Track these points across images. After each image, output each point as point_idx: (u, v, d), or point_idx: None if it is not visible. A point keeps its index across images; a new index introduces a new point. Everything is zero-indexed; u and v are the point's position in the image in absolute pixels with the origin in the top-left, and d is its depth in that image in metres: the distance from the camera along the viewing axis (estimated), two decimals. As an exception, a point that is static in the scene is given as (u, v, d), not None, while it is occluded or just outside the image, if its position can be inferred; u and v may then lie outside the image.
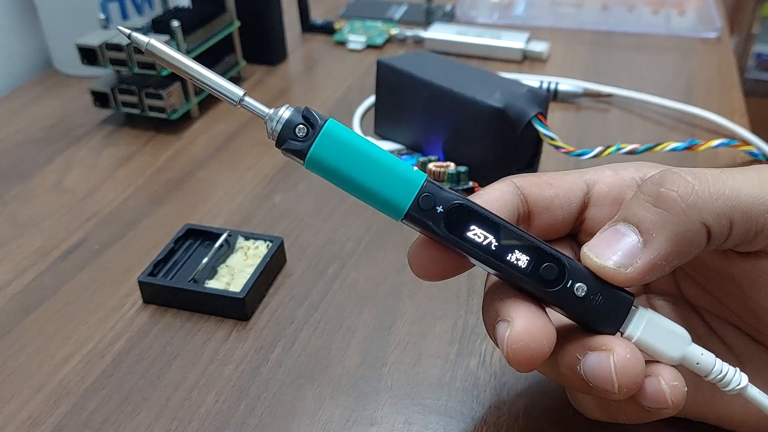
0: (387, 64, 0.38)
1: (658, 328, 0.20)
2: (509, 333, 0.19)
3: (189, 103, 0.44)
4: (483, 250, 0.19)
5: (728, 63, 0.50)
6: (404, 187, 0.19)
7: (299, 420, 0.25)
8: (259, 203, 0.36)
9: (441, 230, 0.19)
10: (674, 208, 0.19)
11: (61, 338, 0.28)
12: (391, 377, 0.26)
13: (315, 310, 0.29)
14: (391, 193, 0.19)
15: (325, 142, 0.19)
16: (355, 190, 0.19)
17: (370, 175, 0.19)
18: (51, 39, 0.52)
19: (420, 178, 0.19)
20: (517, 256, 0.19)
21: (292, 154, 0.19)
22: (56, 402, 0.26)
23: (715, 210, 0.19)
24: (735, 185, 0.19)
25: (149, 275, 0.30)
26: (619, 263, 0.19)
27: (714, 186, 0.19)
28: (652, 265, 0.19)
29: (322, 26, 0.57)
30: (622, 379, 0.19)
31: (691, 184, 0.19)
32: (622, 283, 0.19)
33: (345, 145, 0.19)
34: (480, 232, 0.19)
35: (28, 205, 0.37)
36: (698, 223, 0.19)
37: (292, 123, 0.19)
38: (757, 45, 1.41)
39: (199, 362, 0.27)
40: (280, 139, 0.19)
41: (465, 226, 0.19)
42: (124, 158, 0.41)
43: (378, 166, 0.19)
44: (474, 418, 0.24)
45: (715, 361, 0.20)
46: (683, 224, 0.18)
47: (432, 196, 0.19)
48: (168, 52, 0.19)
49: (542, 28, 0.57)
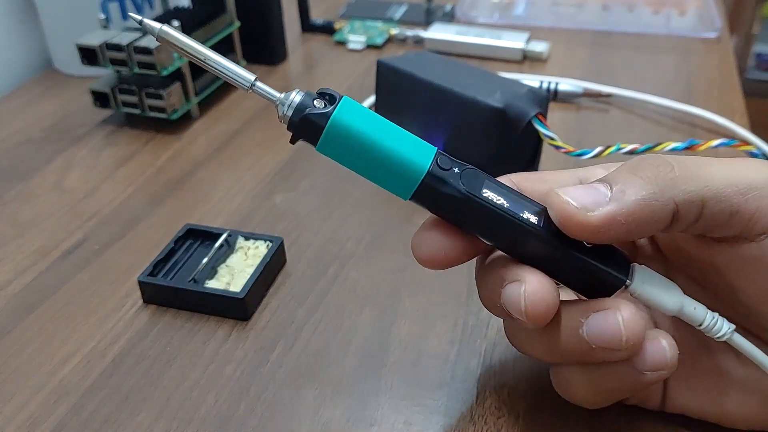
0: (387, 64, 0.38)
1: (655, 280, 0.21)
2: (525, 288, 0.20)
3: (189, 103, 0.44)
4: (499, 208, 0.20)
5: (728, 63, 0.50)
6: (422, 150, 0.20)
7: (299, 420, 0.25)
8: (260, 203, 0.36)
9: (460, 187, 0.20)
10: (649, 177, 0.19)
11: (61, 338, 0.28)
12: (391, 377, 0.26)
13: (315, 310, 0.29)
14: (411, 156, 0.20)
15: (346, 109, 0.19)
16: (372, 160, 0.20)
17: (389, 141, 0.20)
18: (51, 39, 0.52)
19: (433, 147, 0.20)
20: (528, 215, 0.20)
21: (310, 128, 0.20)
22: (56, 402, 0.26)
23: (687, 189, 0.19)
24: (710, 170, 0.20)
25: (149, 275, 0.30)
26: (582, 204, 0.19)
27: (690, 169, 0.20)
28: (612, 217, 0.19)
29: (322, 26, 0.57)
30: (629, 335, 0.20)
31: (670, 164, 0.20)
32: (580, 227, 0.19)
33: (363, 114, 0.20)
34: (492, 193, 0.20)
35: (28, 205, 0.37)
36: (668, 199, 0.19)
37: (303, 106, 0.20)
38: (757, 45, 1.41)
39: (199, 362, 0.27)
40: (291, 123, 0.20)
41: (480, 186, 0.20)
42: (124, 158, 0.41)
43: (395, 134, 0.20)
44: (474, 419, 0.24)
45: (707, 311, 0.21)
46: (654, 195, 0.19)
47: (447, 158, 0.20)
48: (180, 38, 0.20)
49: (542, 28, 0.57)
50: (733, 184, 0.19)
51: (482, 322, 0.28)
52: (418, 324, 0.28)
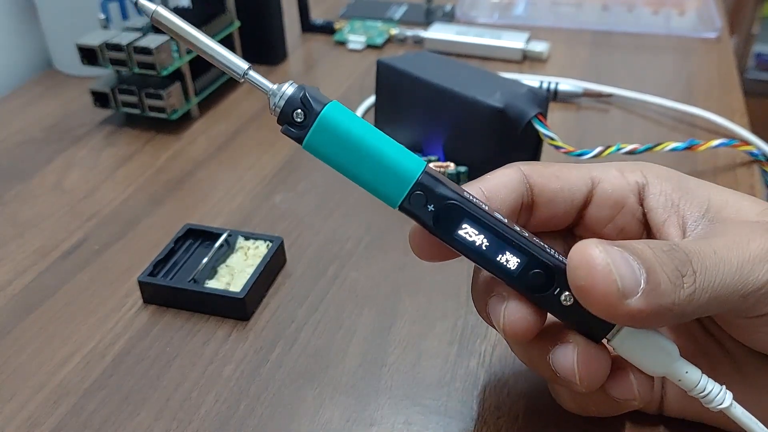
0: (387, 64, 0.38)
1: (645, 341, 0.20)
2: (506, 306, 0.20)
3: (189, 103, 0.44)
4: (473, 250, 0.19)
5: (728, 63, 0.50)
6: (398, 181, 0.19)
7: (299, 420, 0.25)
8: (259, 203, 0.36)
9: (431, 228, 0.19)
10: (672, 284, 0.18)
11: (61, 338, 0.28)
12: (391, 377, 0.26)
13: (315, 310, 0.29)
14: (384, 187, 0.19)
15: (321, 130, 0.19)
16: (350, 178, 0.19)
17: (364, 167, 0.19)
18: (51, 39, 0.52)
19: (415, 172, 0.19)
20: (508, 258, 0.19)
21: (291, 138, 0.19)
22: (56, 402, 0.26)
23: (695, 313, 0.18)
24: (724, 267, 0.19)
25: (149, 275, 0.30)
26: (624, 287, 0.18)
27: (709, 272, 0.18)
28: (645, 312, 0.18)
29: (322, 26, 0.57)
30: (583, 373, 0.20)
31: (692, 271, 0.18)
32: (612, 312, 0.18)
33: (341, 134, 0.19)
34: (472, 231, 0.19)
35: (28, 205, 0.37)
36: (691, 313, 0.19)
37: (294, 101, 0.19)
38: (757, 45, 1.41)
39: (199, 362, 0.27)
40: (282, 117, 0.19)
41: (456, 224, 0.19)
42: (124, 158, 0.41)
43: (374, 158, 0.19)
44: (474, 419, 0.24)
45: (699, 379, 0.20)
46: (678, 306, 0.18)
47: (423, 194, 0.19)
48: (174, 21, 0.19)
49: (542, 28, 0.56)
50: (738, 291, 0.19)
51: (482, 322, 0.28)
52: (418, 324, 0.28)
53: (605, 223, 0.23)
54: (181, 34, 0.19)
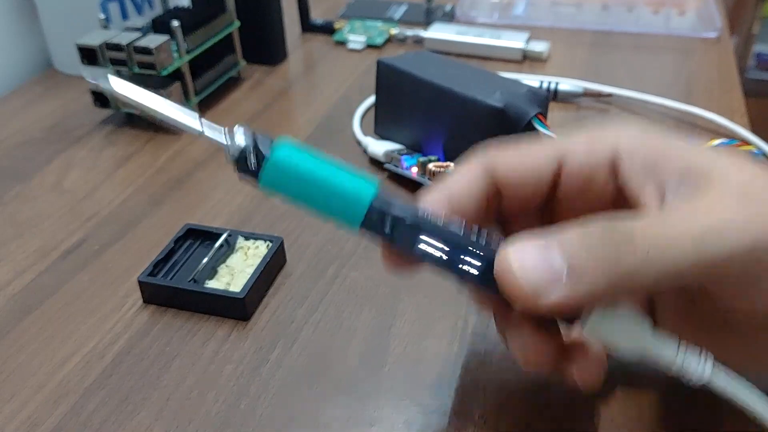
0: (387, 64, 0.38)
1: (618, 324, 0.20)
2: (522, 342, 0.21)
3: (189, 103, 0.44)
4: (435, 262, 0.20)
5: (728, 63, 0.50)
6: (353, 208, 0.20)
7: (299, 420, 0.25)
8: (259, 203, 0.36)
9: (392, 245, 0.20)
10: (609, 263, 0.18)
11: (60, 338, 0.28)
12: (391, 377, 0.26)
13: (315, 310, 0.29)
14: (341, 216, 0.20)
15: (271, 171, 0.20)
16: (310, 210, 0.20)
17: (320, 199, 0.20)
18: (51, 39, 0.52)
19: (367, 198, 0.20)
20: (468, 265, 0.20)
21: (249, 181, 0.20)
22: (56, 402, 0.26)
23: (651, 275, 0.18)
24: (679, 241, 0.18)
25: (149, 275, 0.30)
26: (533, 287, 0.18)
27: (657, 244, 0.18)
28: (565, 303, 0.18)
29: (322, 26, 0.57)
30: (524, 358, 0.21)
31: (632, 244, 0.18)
32: (528, 308, 0.18)
33: (292, 171, 0.20)
34: (429, 244, 0.20)
35: (27, 206, 0.37)
36: (630, 289, 0.19)
37: (246, 149, 0.20)
38: (757, 45, 1.41)
39: (199, 362, 0.27)
40: (239, 166, 0.20)
41: (414, 240, 0.20)
42: (124, 158, 0.41)
43: (327, 189, 0.20)
44: (474, 419, 0.24)
45: (677, 354, 0.19)
46: (613, 287, 0.18)
47: (378, 217, 0.20)
48: (129, 91, 0.20)
49: (542, 28, 0.57)
50: (702, 260, 0.18)
51: (482, 322, 0.28)
52: (418, 324, 0.28)
53: (578, 198, 0.22)
54: (136, 102, 0.20)
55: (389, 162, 0.38)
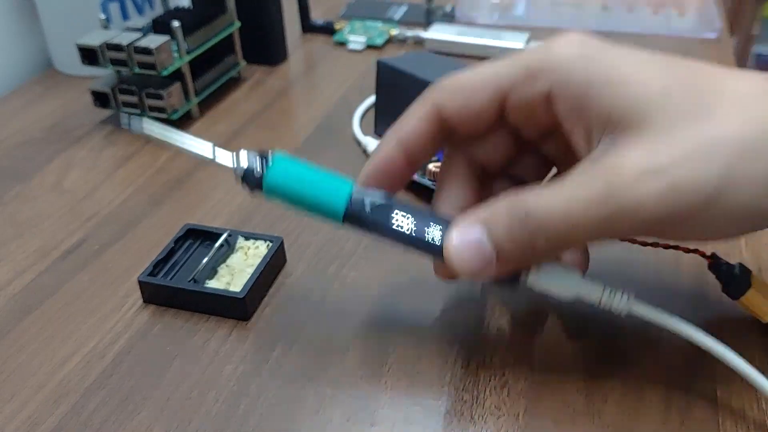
0: (387, 64, 0.38)
1: (552, 273, 0.24)
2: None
3: (189, 104, 0.44)
4: (406, 236, 0.24)
5: (728, 63, 0.51)
6: (336, 199, 0.24)
7: (299, 419, 0.25)
8: (259, 203, 0.36)
9: (370, 222, 0.24)
10: (515, 240, 0.22)
11: (61, 338, 0.28)
12: (391, 377, 0.26)
13: (315, 309, 0.29)
14: (327, 209, 0.24)
15: (271, 180, 0.24)
16: (302, 208, 0.24)
17: (309, 196, 0.24)
18: (51, 39, 0.52)
19: (346, 189, 0.24)
20: (433, 232, 0.24)
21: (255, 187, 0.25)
22: (56, 402, 0.26)
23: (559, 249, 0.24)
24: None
25: (149, 275, 0.30)
26: (469, 272, 0.22)
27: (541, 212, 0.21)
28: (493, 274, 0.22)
29: (322, 27, 0.57)
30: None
31: (524, 219, 0.21)
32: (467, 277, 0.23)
33: (287, 175, 0.24)
34: (401, 218, 0.24)
35: (28, 206, 0.37)
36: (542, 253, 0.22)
37: (249, 167, 0.24)
38: (757, 45, 1.41)
39: (200, 362, 0.27)
40: (246, 180, 0.24)
41: (389, 216, 0.24)
42: (124, 158, 0.41)
43: (314, 187, 0.24)
44: (474, 418, 0.24)
45: (602, 291, 0.24)
46: (524, 254, 0.22)
47: (357, 205, 0.24)
48: (157, 130, 0.25)
49: (542, 28, 0.57)
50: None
51: (482, 322, 0.28)
52: (418, 323, 0.28)
53: (528, 124, 0.24)
54: (165, 139, 0.25)
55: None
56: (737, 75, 0.22)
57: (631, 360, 0.26)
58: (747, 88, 0.21)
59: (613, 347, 0.27)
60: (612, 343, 0.27)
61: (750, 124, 0.20)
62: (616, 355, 0.27)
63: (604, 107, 0.21)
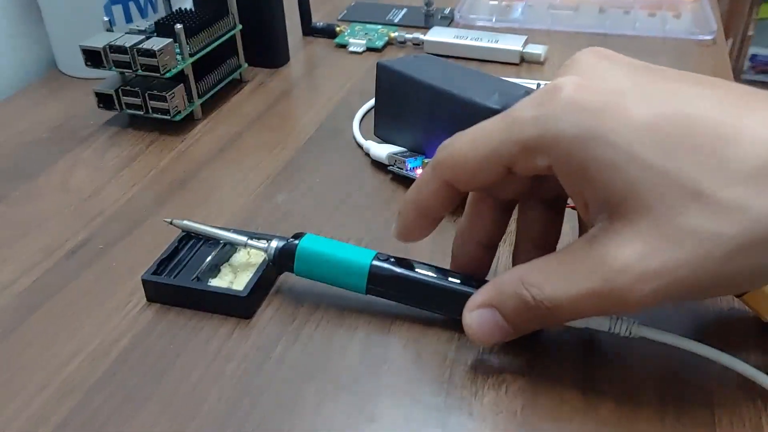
0: (386, 67, 0.39)
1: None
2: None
3: (192, 105, 0.45)
4: (430, 281, 0.28)
5: (724, 65, 0.51)
6: (359, 275, 0.28)
7: (300, 416, 0.25)
8: (262, 203, 0.37)
9: (397, 271, 0.28)
10: (519, 315, 0.24)
11: (65, 336, 0.29)
12: (391, 375, 0.26)
13: (316, 308, 0.30)
14: (351, 284, 0.28)
15: (300, 259, 0.28)
16: (329, 283, 0.29)
17: (335, 275, 0.28)
18: (55, 41, 0.52)
19: (367, 264, 0.28)
20: (451, 305, 0.27)
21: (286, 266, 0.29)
22: (61, 399, 0.26)
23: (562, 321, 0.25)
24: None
25: (153, 274, 0.30)
26: (481, 340, 0.25)
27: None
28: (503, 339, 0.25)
29: (323, 30, 0.57)
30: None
31: (529, 302, 0.23)
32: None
33: (313, 257, 0.28)
34: (422, 271, 0.28)
35: (33, 205, 0.37)
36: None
37: (284, 251, 0.29)
38: (753, 47, 1.42)
39: (202, 360, 0.27)
40: (276, 261, 0.29)
41: (411, 267, 0.28)
42: (128, 159, 0.41)
43: (339, 265, 0.28)
44: (473, 415, 0.25)
45: (609, 324, 0.25)
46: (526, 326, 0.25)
47: (377, 275, 0.28)
48: (197, 227, 0.31)
49: (540, 31, 0.57)
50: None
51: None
52: (418, 322, 0.29)
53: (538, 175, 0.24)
54: (204, 232, 0.31)
55: (392, 164, 0.38)
56: (748, 136, 0.20)
57: (629, 357, 0.27)
58: (755, 159, 0.20)
59: (610, 344, 0.27)
60: (609, 340, 0.27)
61: (751, 220, 0.19)
62: (614, 353, 0.27)
63: (600, 190, 0.21)
